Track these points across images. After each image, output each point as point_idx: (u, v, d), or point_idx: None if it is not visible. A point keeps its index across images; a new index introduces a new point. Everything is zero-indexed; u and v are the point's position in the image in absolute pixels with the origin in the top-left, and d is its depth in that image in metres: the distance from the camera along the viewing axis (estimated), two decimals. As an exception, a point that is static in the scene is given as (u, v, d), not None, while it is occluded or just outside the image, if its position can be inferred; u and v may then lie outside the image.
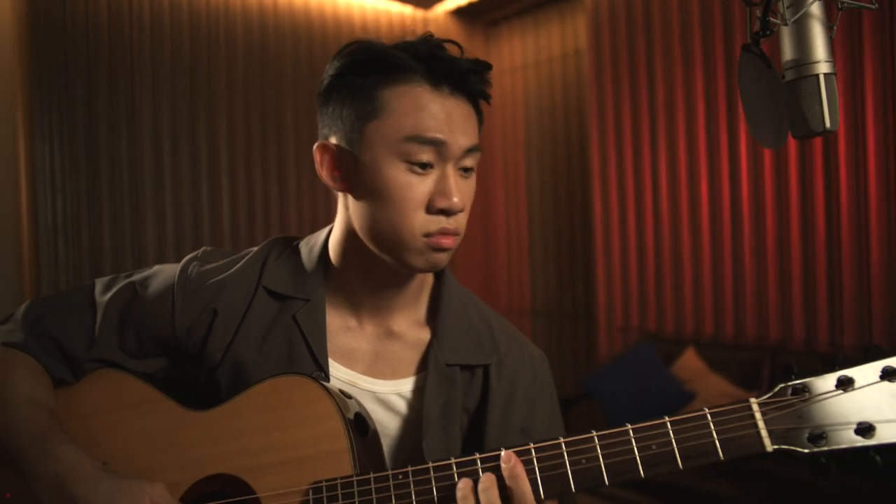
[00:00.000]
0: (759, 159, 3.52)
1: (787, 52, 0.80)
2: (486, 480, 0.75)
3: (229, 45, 4.05)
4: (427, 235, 0.86)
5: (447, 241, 0.87)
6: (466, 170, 0.89)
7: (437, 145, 0.84)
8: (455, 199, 0.85)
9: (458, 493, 0.75)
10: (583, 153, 4.54)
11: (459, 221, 0.88)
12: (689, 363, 3.52)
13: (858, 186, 3.17)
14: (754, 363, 3.34)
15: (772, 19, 0.83)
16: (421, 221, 0.85)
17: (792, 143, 3.32)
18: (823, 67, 0.77)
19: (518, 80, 4.99)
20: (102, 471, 0.82)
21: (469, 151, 0.87)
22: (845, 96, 3.15)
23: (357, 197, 0.89)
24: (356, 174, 0.88)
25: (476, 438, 0.96)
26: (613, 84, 4.14)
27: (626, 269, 4.14)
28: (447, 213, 0.85)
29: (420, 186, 0.85)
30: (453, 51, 0.88)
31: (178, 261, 1.00)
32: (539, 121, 4.86)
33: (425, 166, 0.85)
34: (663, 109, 3.90)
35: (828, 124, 0.78)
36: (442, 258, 0.88)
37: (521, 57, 4.98)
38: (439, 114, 0.84)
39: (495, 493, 0.74)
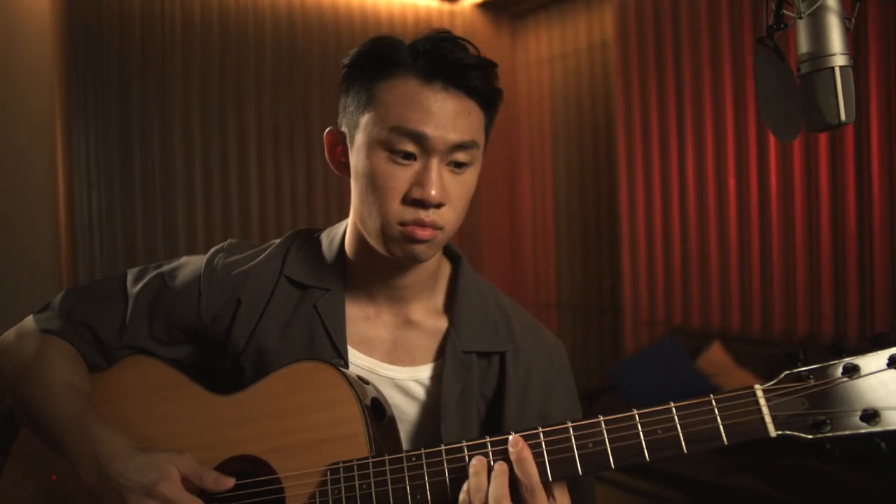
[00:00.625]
0: (788, 151, 3.46)
1: (803, 45, 0.79)
2: (499, 468, 0.78)
3: (258, 41, 4.11)
4: (402, 224, 0.87)
5: (422, 233, 0.87)
6: (459, 165, 0.89)
7: (419, 138, 0.85)
8: (432, 192, 0.85)
9: (471, 469, 0.78)
10: (609, 145, 4.51)
11: (442, 216, 0.88)
12: (715, 357, 3.49)
13: (891, 178, 3.10)
14: (781, 358, 3.29)
15: (787, 12, 0.83)
16: (397, 210, 0.87)
17: (822, 135, 3.26)
18: (839, 60, 0.76)
19: (544, 73, 4.97)
20: (134, 448, 0.86)
21: (459, 147, 0.87)
22: (879, 87, 3.09)
23: (352, 183, 0.93)
24: (352, 160, 0.92)
25: (494, 426, 0.98)
26: (640, 76, 4.11)
27: (652, 262, 4.12)
28: (423, 204, 0.86)
29: (400, 176, 0.86)
30: (468, 48, 0.89)
31: (208, 251, 1.04)
32: (565, 113, 4.84)
33: (407, 156, 0.86)
34: (690, 101, 3.86)
35: (843, 117, 0.78)
36: (420, 250, 0.89)
37: (547, 49, 4.96)
38: (427, 107, 0.85)
39: (505, 480, 0.77)
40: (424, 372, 0.98)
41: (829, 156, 3.32)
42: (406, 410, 0.98)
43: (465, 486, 0.77)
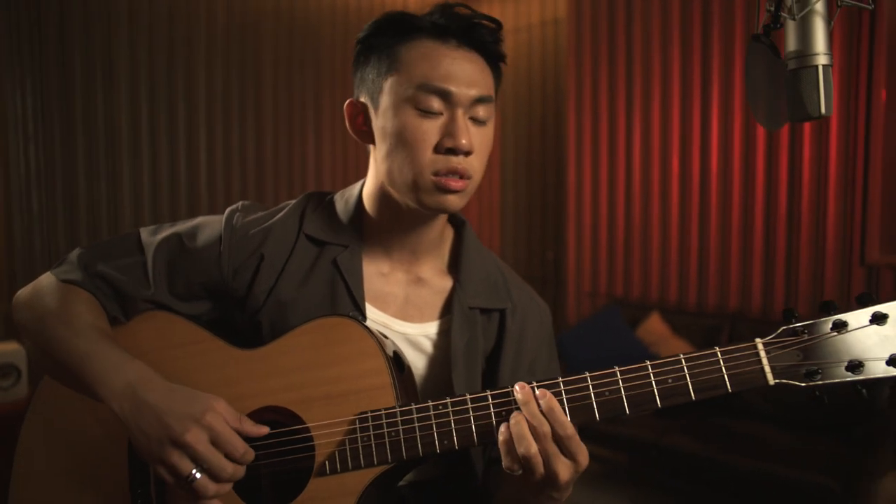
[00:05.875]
0: (728, 137, 3.66)
1: (791, 44, 0.87)
2: (549, 398, 0.82)
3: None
4: (436, 174, 0.93)
5: (455, 184, 0.93)
6: (479, 120, 0.95)
7: (444, 94, 0.92)
8: (462, 140, 0.91)
9: (514, 429, 0.81)
10: (558, 121, 4.62)
11: (471, 164, 0.94)
12: (654, 327, 3.69)
13: (819, 171, 3.35)
14: (715, 329, 3.52)
15: (782, 13, 0.91)
16: (430, 160, 0.93)
17: (760, 128, 3.46)
18: (822, 59, 0.84)
19: (495, 47, 5.01)
20: (169, 383, 0.87)
21: (479, 101, 0.94)
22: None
23: (378, 146, 0.98)
24: (377, 124, 0.96)
25: (491, 374, 1.06)
26: (592, 54, 4.22)
27: (597, 236, 4.28)
28: (454, 152, 0.92)
29: (430, 128, 0.92)
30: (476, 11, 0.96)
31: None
32: (515, 87, 4.91)
33: (434, 113, 0.92)
34: (640, 81, 3.99)
35: (823, 110, 0.86)
36: (452, 200, 0.94)
37: (499, 23, 5.00)
38: (447, 65, 0.92)
39: (548, 429, 0.81)
40: (433, 328, 1.04)
41: (766, 144, 3.53)
42: (416, 364, 1.04)
43: (511, 422, 0.81)
